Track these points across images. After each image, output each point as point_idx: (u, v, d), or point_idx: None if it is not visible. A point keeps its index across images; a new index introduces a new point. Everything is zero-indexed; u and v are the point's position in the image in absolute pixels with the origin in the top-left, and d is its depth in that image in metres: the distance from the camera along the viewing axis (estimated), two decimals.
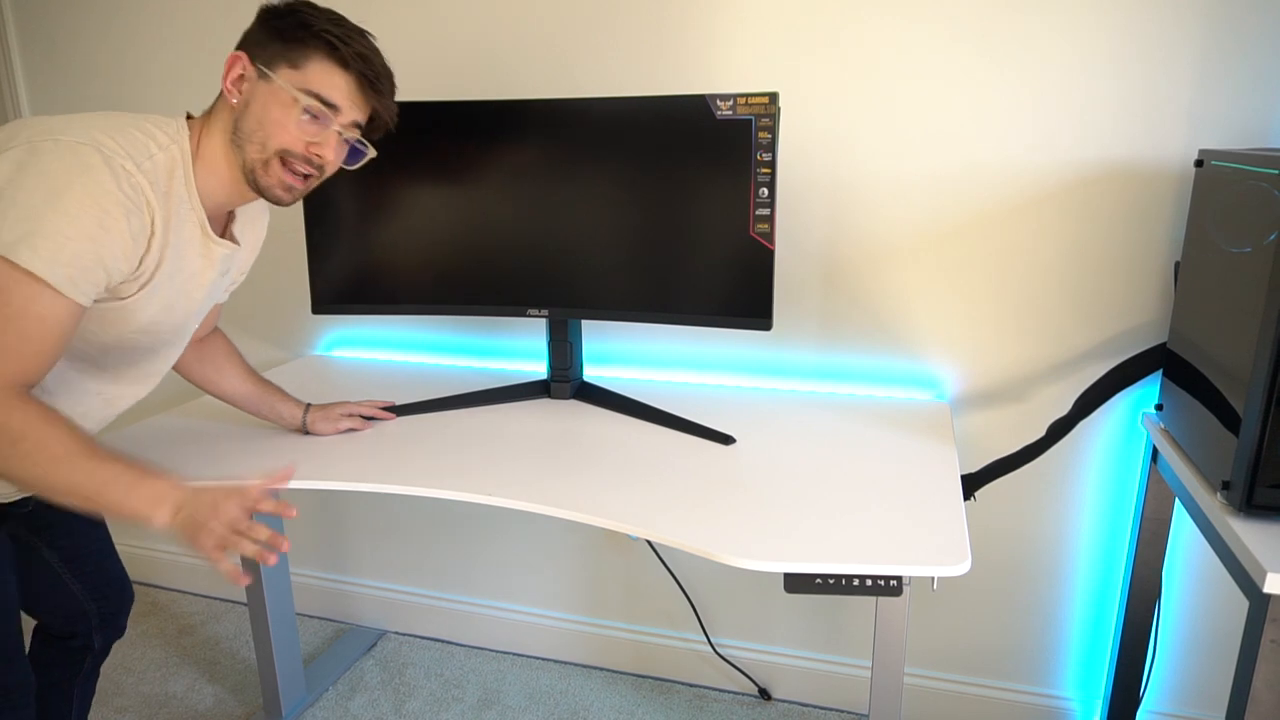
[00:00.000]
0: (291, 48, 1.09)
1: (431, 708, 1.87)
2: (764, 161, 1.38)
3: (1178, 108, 1.40)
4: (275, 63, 1.09)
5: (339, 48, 1.09)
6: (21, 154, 0.95)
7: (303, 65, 1.09)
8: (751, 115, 1.37)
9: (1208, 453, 1.20)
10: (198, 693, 1.93)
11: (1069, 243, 1.50)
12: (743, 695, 1.90)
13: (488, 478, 1.29)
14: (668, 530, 1.12)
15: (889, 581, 1.07)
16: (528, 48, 1.69)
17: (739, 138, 1.38)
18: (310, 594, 2.22)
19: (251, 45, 1.11)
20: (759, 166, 1.39)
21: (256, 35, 1.11)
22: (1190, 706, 1.66)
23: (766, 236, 1.41)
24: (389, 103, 1.17)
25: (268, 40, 1.10)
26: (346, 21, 1.12)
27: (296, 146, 1.10)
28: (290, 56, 1.09)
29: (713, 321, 1.48)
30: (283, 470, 1.24)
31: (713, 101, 1.38)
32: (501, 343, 1.88)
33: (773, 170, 1.38)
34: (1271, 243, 1.03)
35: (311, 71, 1.09)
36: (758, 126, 1.37)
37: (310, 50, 1.09)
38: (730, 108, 1.38)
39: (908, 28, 1.49)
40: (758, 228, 1.41)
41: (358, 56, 1.11)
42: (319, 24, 1.09)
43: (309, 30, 1.09)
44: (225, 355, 1.43)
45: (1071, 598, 1.67)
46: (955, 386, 1.63)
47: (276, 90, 1.09)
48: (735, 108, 1.37)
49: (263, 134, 1.09)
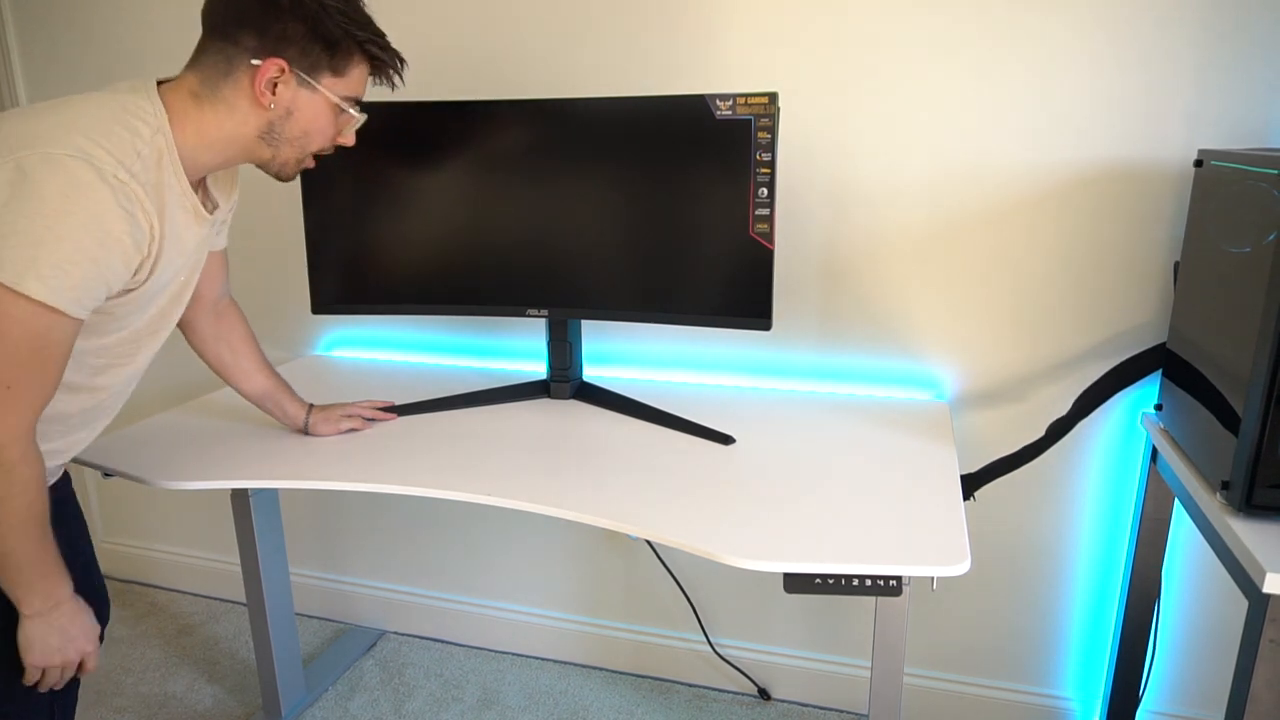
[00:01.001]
0: (336, 56, 1.10)
1: (431, 708, 1.87)
2: (763, 161, 1.38)
3: (1178, 108, 1.40)
4: (318, 71, 1.10)
5: (384, 61, 1.14)
6: (11, 174, 0.91)
7: (346, 73, 1.12)
8: (751, 115, 1.37)
9: (1207, 453, 1.20)
10: (197, 693, 1.93)
11: (1069, 242, 1.50)
12: (742, 695, 1.90)
13: (487, 478, 1.29)
14: (668, 530, 1.12)
15: (889, 581, 1.07)
16: (527, 48, 1.69)
17: (739, 138, 1.39)
18: (310, 594, 2.22)
19: (288, 49, 1.08)
20: (758, 166, 1.39)
21: (294, 38, 1.07)
22: (1190, 706, 1.66)
23: (766, 236, 1.41)
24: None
25: (309, 45, 1.08)
26: (363, 12, 1.14)
27: (329, 144, 1.17)
28: (335, 65, 1.11)
29: (712, 321, 1.48)
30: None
31: (712, 101, 1.38)
32: (501, 343, 1.88)
33: (772, 170, 1.39)
34: (1271, 243, 1.03)
35: (353, 79, 1.14)
36: (757, 126, 1.37)
37: (355, 59, 1.12)
38: (730, 108, 1.38)
39: (907, 27, 1.49)
40: (757, 227, 1.41)
41: (395, 68, 1.17)
42: (359, 32, 1.11)
43: (354, 40, 1.11)
44: (241, 338, 1.44)
45: (1071, 597, 1.67)
46: (955, 386, 1.63)
47: (322, 99, 1.12)
48: (735, 108, 1.37)
49: (305, 140, 1.13)
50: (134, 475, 1.33)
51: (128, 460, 1.38)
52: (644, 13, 1.61)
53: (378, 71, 1.17)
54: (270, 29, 1.05)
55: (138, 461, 1.37)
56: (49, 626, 1.05)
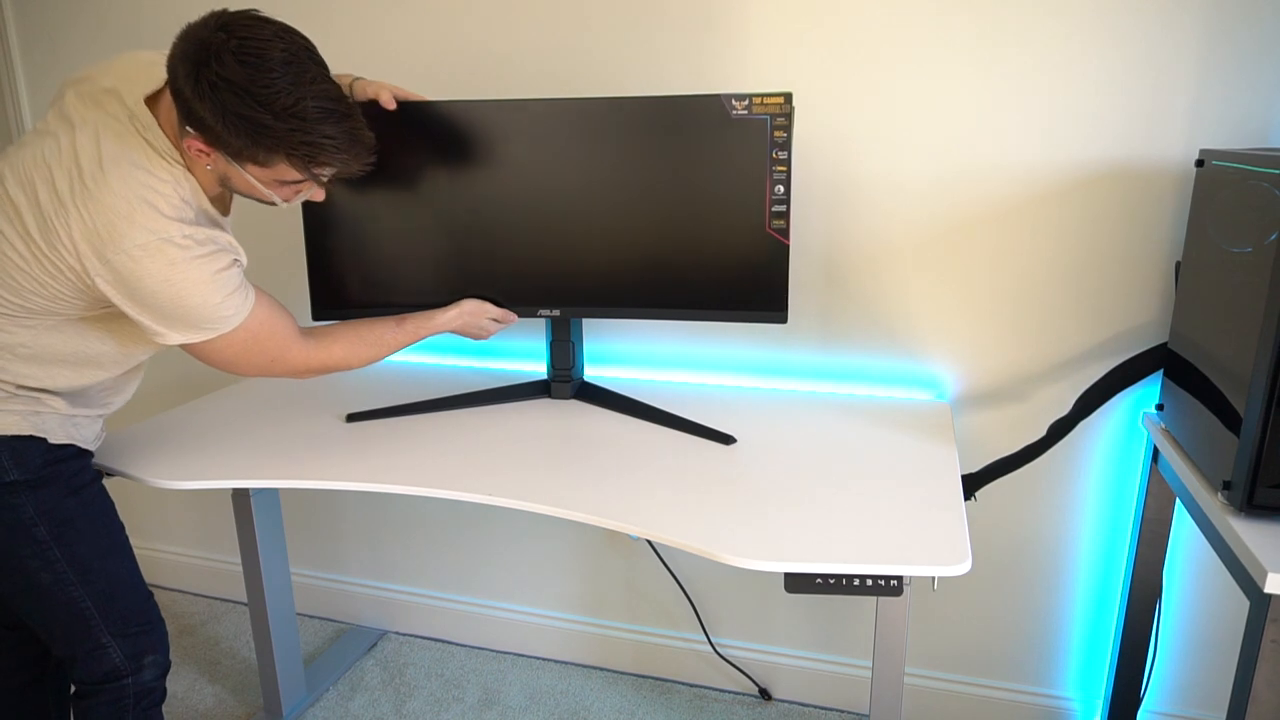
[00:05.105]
0: (257, 149, 1.09)
1: (431, 708, 1.87)
2: (779, 159, 1.40)
3: (1178, 108, 1.40)
4: (241, 159, 1.11)
5: (314, 160, 1.12)
6: (125, 290, 1.11)
7: (270, 165, 1.12)
8: (767, 115, 1.39)
9: (1208, 453, 1.20)
10: (198, 693, 1.93)
11: (1070, 242, 1.50)
12: (743, 695, 1.90)
13: (488, 478, 1.29)
14: (668, 530, 1.12)
15: (889, 581, 1.07)
16: (539, 48, 1.69)
17: (755, 137, 1.40)
18: (310, 594, 2.22)
19: (207, 133, 1.08)
20: (774, 165, 1.41)
21: (212, 126, 1.06)
22: (1191, 706, 1.66)
23: (783, 232, 1.43)
24: (368, 140, 1.18)
25: (226, 136, 1.07)
26: (298, 99, 1.07)
27: (290, 200, 1.21)
28: (255, 156, 1.10)
29: (731, 316, 1.50)
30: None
31: (727, 101, 1.39)
32: (501, 343, 1.88)
33: (788, 168, 1.41)
34: (1272, 243, 1.03)
35: (279, 170, 1.13)
36: (773, 125, 1.39)
37: (277, 156, 1.11)
38: (745, 108, 1.39)
39: (908, 27, 1.49)
40: (774, 224, 1.43)
41: (333, 163, 1.14)
42: (277, 139, 1.08)
43: (265, 145, 1.08)
44: None
45: (1072, 597, 1.67)
46: (956, 386, 1.63)
47: (251, 182, 1.16)
48: (750, 107, 1.39)
49: (256, 197, 1.20)
50: (134, 475, 1.33)
51: (128, 460, 1.38)
52: (652, 11, 1.61)
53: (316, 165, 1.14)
54: (192, 111, 1.07)
55: (138, 461, 1.37)
56: (459, 328, 1.50)
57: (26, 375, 1.18)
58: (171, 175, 1.12)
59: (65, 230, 1.08)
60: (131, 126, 1.12)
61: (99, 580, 1.23)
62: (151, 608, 1.30)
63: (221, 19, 1.04)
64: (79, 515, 1.22)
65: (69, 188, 1.08)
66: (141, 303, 1.12)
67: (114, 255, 1.08)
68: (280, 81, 1.04)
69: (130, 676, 1.26)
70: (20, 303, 1.13)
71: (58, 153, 1.10)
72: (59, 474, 1.21)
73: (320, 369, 1.34)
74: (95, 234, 1.08)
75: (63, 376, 1.21)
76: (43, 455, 1.19)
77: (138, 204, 1.08)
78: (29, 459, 1.18)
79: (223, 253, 1.16)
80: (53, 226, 1.08)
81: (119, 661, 1.25)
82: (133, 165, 1.10)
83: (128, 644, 1.26)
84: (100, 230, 1.07)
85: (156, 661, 1.29)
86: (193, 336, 1.17)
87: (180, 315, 1.14)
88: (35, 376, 1.18)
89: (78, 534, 1.21)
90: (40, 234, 1.09)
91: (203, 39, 1.03)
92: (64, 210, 1.08)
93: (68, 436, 1.23)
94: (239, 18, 1.05)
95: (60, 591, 1.21)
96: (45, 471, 1.19)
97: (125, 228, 1.08)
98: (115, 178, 1.08)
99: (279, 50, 1.05)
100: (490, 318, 1.51)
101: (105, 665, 1.25)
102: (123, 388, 1.33)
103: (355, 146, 1.14)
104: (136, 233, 1.08)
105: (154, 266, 1.09)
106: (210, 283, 1.13)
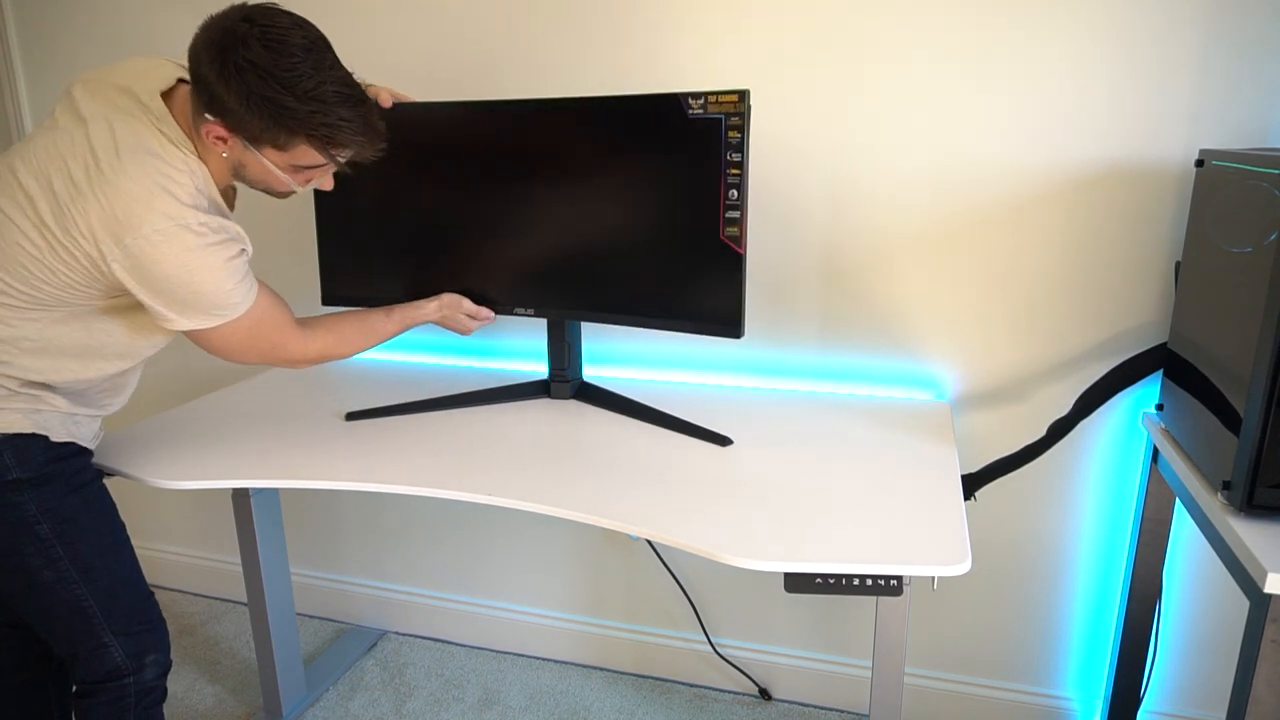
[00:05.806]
0: (277, 132, 1.13)
1: (431, 708, 1.87)
2: (733, 162, 1.31)
3: (1178, 108, 1.40)
4: (259, 143, 1.14)
5: (335, 142, 1.16)
6: (141, 275, 1.12)
7: (289, 148, 1.16)
8: (721, 114, 1.30)
9: (1208, 453, 1.20)
10: (198, 693, 1.93)
11: (1069, 242, 1.50)
12: (743, 695, 1.90)
13: (488, 478, 1.29)
14: (668, 530, 1.12)
15: (889, 581, 1.07)
16: (517, 47, 1.69)
17: (710, 138, 1.33)
18: (310, 594, 2.22)
19: (228, 117, 1.12)
20: (728, 167, 1.32)
21: (233, 109, 1.11)
22: (1191, 706, 1.66)
23: (736, 240, 1.34)
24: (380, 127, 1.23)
25: (247, 118, 1.11)
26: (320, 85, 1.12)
27: (302, 187, 1.24)
28: (275, 140, 1.14)
29: (685, 328, 1.43)
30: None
31: (685, 100, 1.33)
32: (501, 343, 1.88)
33: (743, 171, 1.32)
34: (1272, 243, 1.03)
35: (298, 153, 1.17)
36: (727, 125, 1.30)
37: (297, 139, 1.14)
38: (701, 106, 1.32)
39: (907, 27, 1.49)
40: (728, 231, 1.35)
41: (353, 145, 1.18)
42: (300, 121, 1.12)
43: (288, 126, 1.12)
44: None
45: (1072, 597, 1.67)
46: (955, 386, 1.63)
47: (269, 164, 1.18)
48: (706, 106, 1.31)
49: (267, 186, 1.23)
50: (134, 475, 1.33)
51: (128, 460, 1.38)
52: (630, 9, 1.61)
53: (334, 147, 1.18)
54: (214, 95, 1.11)
55: (138, 461, 1.37)
56: (440, 319, 1.54)
57: (32, 369, 1.18)
58: (186, 164, 1.14)
59: (83, 216, 1.09)
60: (145, 118, 1.15)
61: (101, 579, 1.23)
62: (153, 607, 1.30)
63: (244, 11, 1.10)
64: (81, 513, 1.22)
65: (85, 175, 1.09)
66: (155, 288, 1.13)
67: (132, 240, 1.10)
68: (302, 66, 1.10)
69: (131, 676, 1.26)
70: (30, 293, 1.13)
71: (71, 144, 1.12)
72: (61, 472, 1.21)
73: (317, 357, 1.36)
74: (114, 219, 1.09)
75: (69, 369, 1.21)
76: (44, 453, 1.20)
77: (156, 190, 1.10)
78: (31, 457, 1.18)
79: (233, 241, 1.18)
80: (69, 213, 1.09)
81: (120, 660, 1.25)
82: (149, 153, 1.11)
83: (129, 643, 1.26)
84: (119, 216, 1.09)
85: (158, 661, 1.29)
86: (202, 322, 1.18)
87: (192, 301, 1.15)
88: (41, 370, 1.19)
89: (80, 532, 1.22)
90: (56, 221, 1.10)
91: (227, 27, 1.09)
92: (81, 197, 1.09)
93: (69, 434, 1.23)
94: (261, 9, 1.11)
95: (63, 590, 1.21)
96: (47, 469, 1.20)
97: (144, 213, 1.09)
98: (132, 165, 1.10)
99: (300, 38, 1.11)
100: (465, 312, 1.54)
101: (107, 664, 1.25)
102: (121, 388, 1.33)
103: (370, 131, 1.19)
104: (155, 218, 1.10)
105: (170, 252, 1.11)
106: (223, 269, 1.16)
